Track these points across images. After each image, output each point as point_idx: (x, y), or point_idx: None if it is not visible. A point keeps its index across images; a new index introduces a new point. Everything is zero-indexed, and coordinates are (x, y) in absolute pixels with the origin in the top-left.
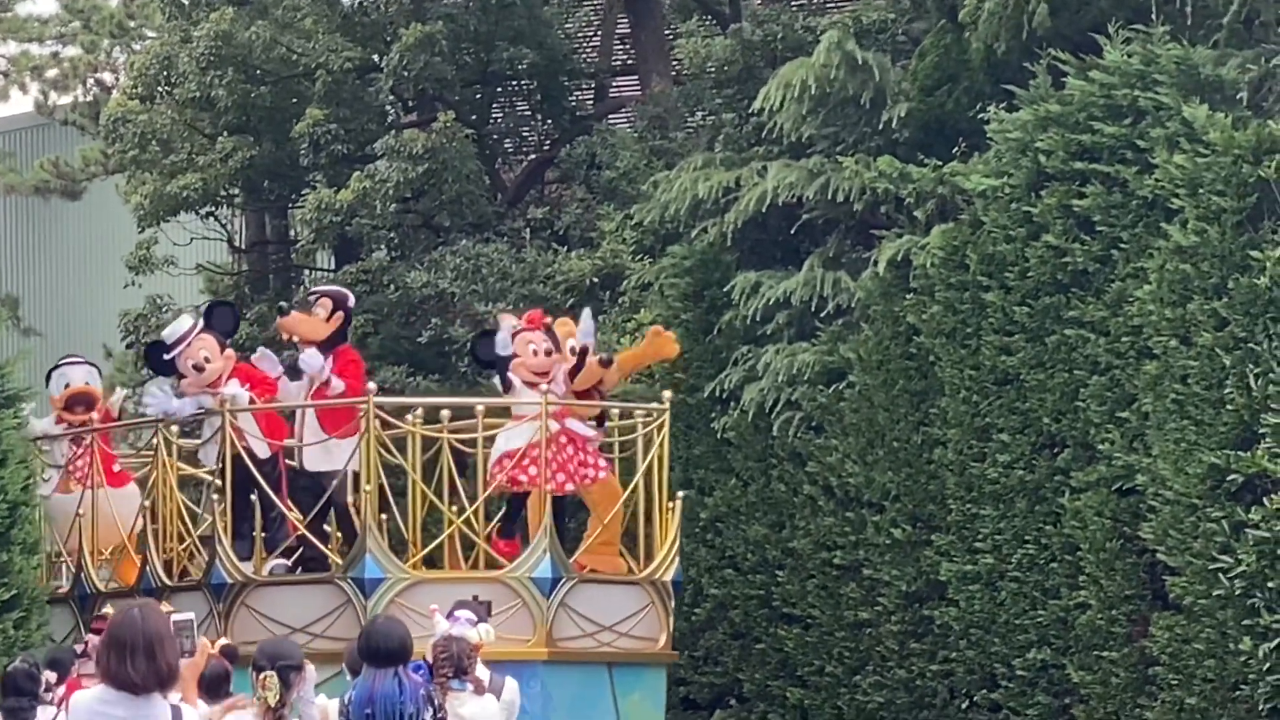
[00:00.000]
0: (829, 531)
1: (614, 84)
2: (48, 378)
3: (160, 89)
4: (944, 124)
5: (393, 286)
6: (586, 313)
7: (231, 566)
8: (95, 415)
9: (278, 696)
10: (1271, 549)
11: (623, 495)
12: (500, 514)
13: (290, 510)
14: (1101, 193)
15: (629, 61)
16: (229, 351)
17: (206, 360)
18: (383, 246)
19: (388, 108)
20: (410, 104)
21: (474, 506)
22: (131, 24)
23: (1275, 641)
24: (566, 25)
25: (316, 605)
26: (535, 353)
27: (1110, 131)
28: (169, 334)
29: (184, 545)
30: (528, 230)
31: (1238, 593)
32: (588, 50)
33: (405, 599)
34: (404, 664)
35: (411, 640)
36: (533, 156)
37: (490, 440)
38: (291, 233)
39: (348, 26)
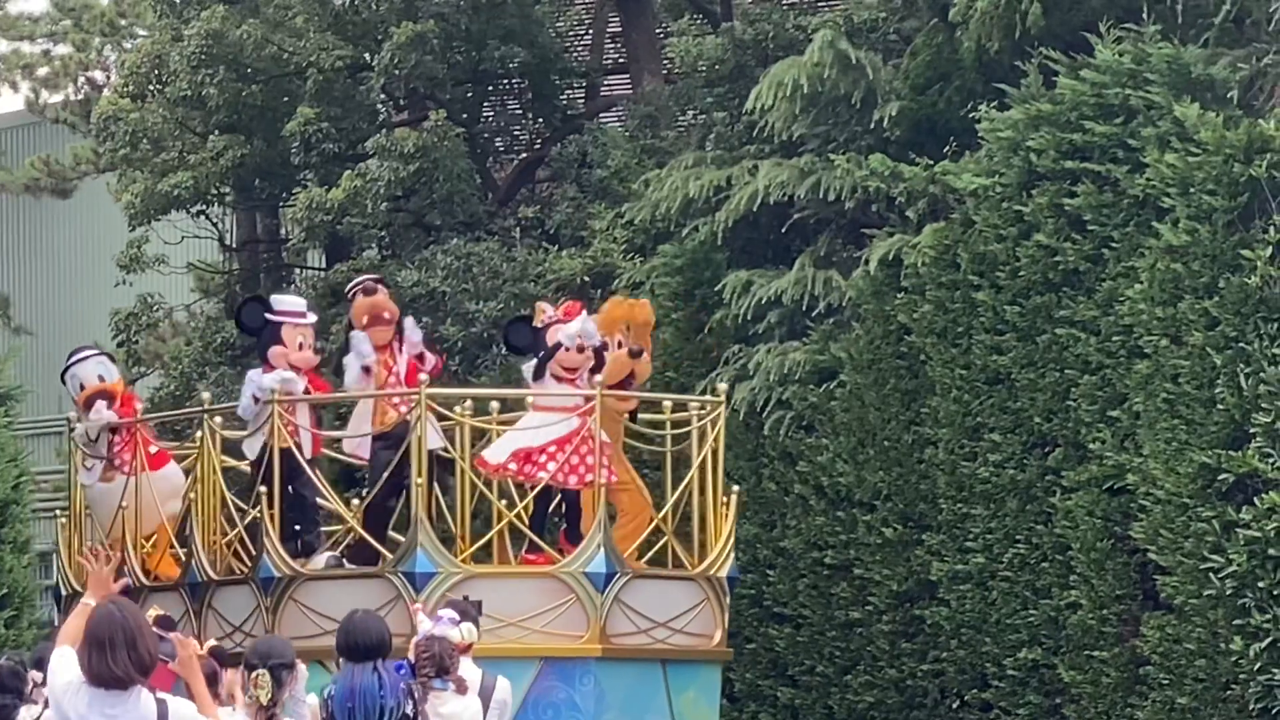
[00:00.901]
0: (820, 531)
1: (605, 83)
2: (62, 378)
3: (151, 87)
4: (935, 123)
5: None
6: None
7: (279, 560)
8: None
9: (270, 695)
10: (1262, 548)
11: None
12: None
13: (342, 506)
14: (1093, 192)
15: (620, 60)
16: None
17: (310, 347)
18: (374, 245)
19: (379, 106)
20: (401, 103)
21: (526, 500)
22: (122, 22)
23: (1266, 641)
24: (558, 24)
25: (366, 600)
26: (568, 349)
27: (1101, 131)
28: (287, 303)
29: (226, 539)
30: (519, 229)
31: (1229, 592)
32: (579, 49)
33: (457, 594)
34: (382, 659)
35: (390, 636)
36: (524, 155)
37: None
38: (283, 231)
39: (339, 25)
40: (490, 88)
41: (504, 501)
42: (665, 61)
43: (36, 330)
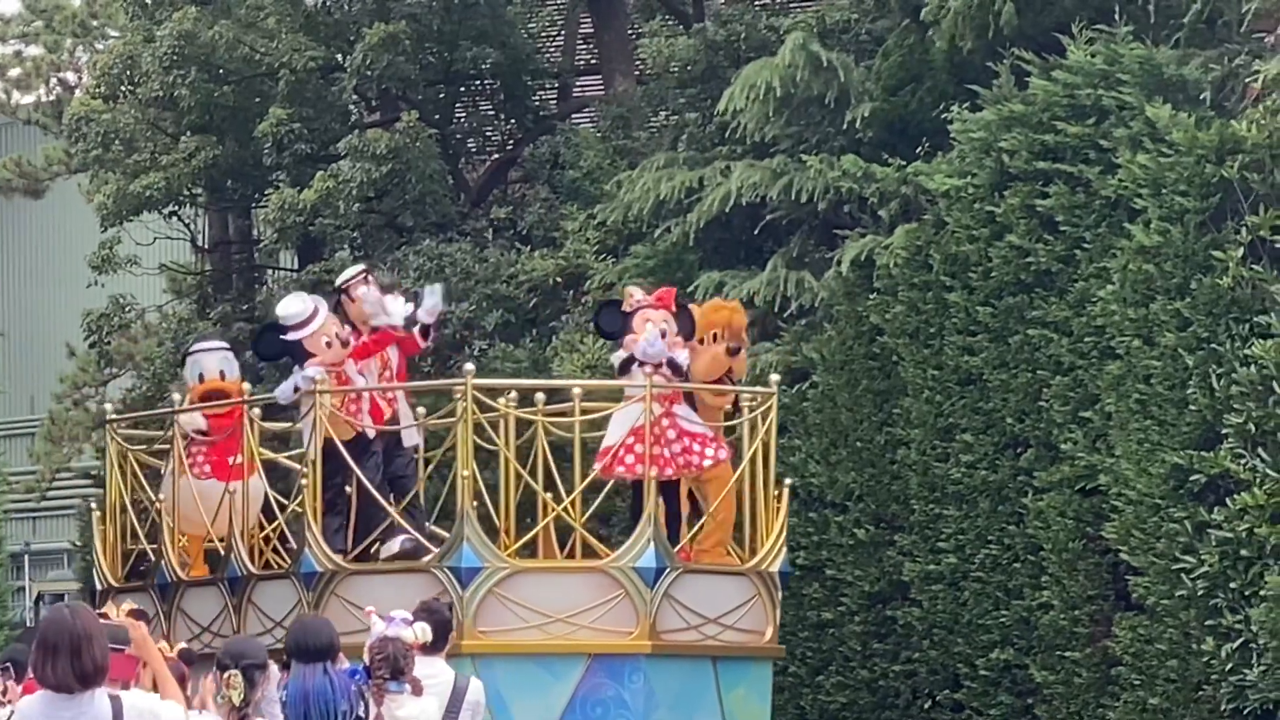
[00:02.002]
0: (792, 531)
1: (577, 84)
2: (182, 361)
3: (123, 88)
4: (908, 124)
5: None
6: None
7: (322, 554)
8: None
9: (243, 696)
10: (1234, 549)
11: (731, 495)
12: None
13: (383, 499)
14: (1065, 193)
15: (592, 61)
16: None
17: (339, 338)
18: (346, 246)
19: (351, 107)
20: (373, 103)
21: (574, 494)
22: (94, 23)
23: (1238, 642)
24: (530, 25)
25: (412, 595)
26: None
27: (1073, 131)
28: (290, 314)
29: (264, 533)
30: (491, 230)
31: (1200, 593)
32: (551, 50)
33: (504, 589)
34: (331, 661)
35: (339, 639)
36: (496, 156)
37: (591, 425)
38: (255, 232)
39: (311, 26)
40: (462, 88)
41: (549, 494)
42: (637, 62)
43: (7, 331)
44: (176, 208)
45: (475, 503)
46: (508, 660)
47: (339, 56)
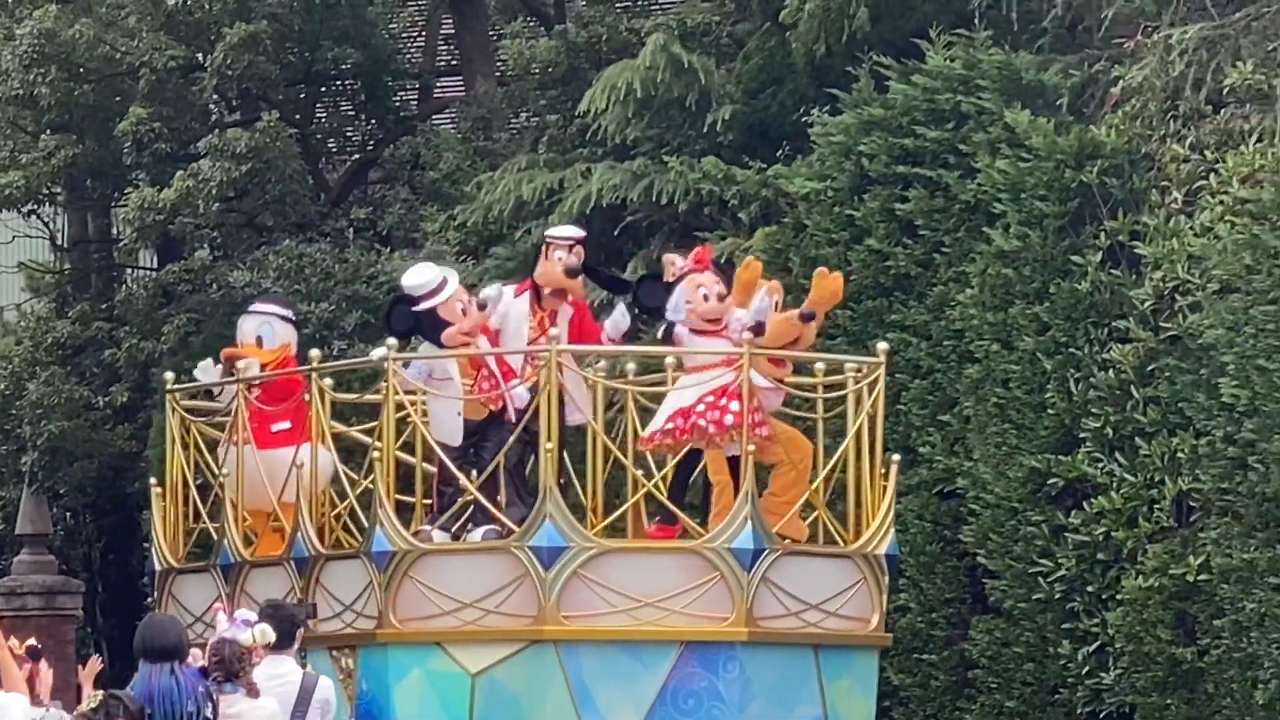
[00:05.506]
0: None
1: (438, 85)
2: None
3: None
4: (768, 126)
5: (215, 286)
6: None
7: (394, 532)
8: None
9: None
10: (1091, 553)
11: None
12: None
13: (461, 475)
14: (924, 197)
15: (453, 62)
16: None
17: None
18: (205, 246)
19: (211, 107)
20: (234, 103)
21: (665, 470)
22: None
23: (1094, 645)
24: (391, 25)
25: (491, 577)
26: (706, 297)
27: (933, 136)
28: (418, 284)
29: (335, 511)
30: (351, 230)
31: (1057, 596)
32: (412, 51)
33: (589, 571)
34: (179, 661)
35: (187, 638)
36: (356, 157)
37: None
38: (114, 231)
39: (171, 25)
40: (323, 89)
41: (641, 471)
42: (498, 64)
43: None
44: (35, 206)
45: (560, 479)
46: (593, 647)
47: (199, 56)
